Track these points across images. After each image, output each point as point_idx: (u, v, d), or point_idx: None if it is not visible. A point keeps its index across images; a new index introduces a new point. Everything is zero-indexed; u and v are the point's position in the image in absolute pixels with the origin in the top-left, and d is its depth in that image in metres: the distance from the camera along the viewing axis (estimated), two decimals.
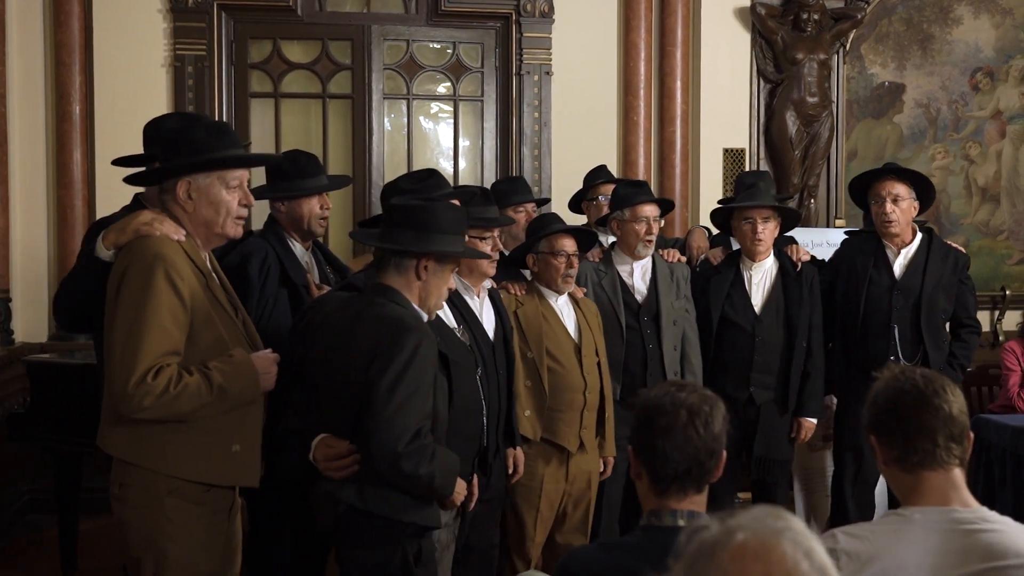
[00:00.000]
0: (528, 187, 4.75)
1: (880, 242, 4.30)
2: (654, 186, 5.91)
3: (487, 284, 3.53)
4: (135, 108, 5.46)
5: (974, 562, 1.82)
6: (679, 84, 6.05)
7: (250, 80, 5.91)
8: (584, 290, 3.99)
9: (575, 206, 4.90)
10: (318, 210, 3.49)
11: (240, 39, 5.87)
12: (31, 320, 5.61)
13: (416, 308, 2.74)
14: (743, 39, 6.13)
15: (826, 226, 6.14)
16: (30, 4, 5.56)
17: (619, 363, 3.98)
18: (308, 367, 2.83)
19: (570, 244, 3.74)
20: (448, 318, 3.20)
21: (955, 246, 4.43)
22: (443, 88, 6.17)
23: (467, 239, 3.25)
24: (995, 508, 1.93)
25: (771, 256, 4.24)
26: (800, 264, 4.23)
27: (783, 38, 6.03)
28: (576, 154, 5.85)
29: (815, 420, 4.23)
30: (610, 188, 4.47)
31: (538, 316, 3.72)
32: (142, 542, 2.55)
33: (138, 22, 5.65)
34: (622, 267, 4.14)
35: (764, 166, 6.08)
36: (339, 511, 2.65)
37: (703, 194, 6.08)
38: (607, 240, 4.32)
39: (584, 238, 3.89)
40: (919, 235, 4.31)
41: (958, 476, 1.93)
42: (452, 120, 6.16)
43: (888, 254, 4.29)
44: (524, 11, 5.94)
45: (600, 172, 4.87)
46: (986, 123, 6.50)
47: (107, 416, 2.60)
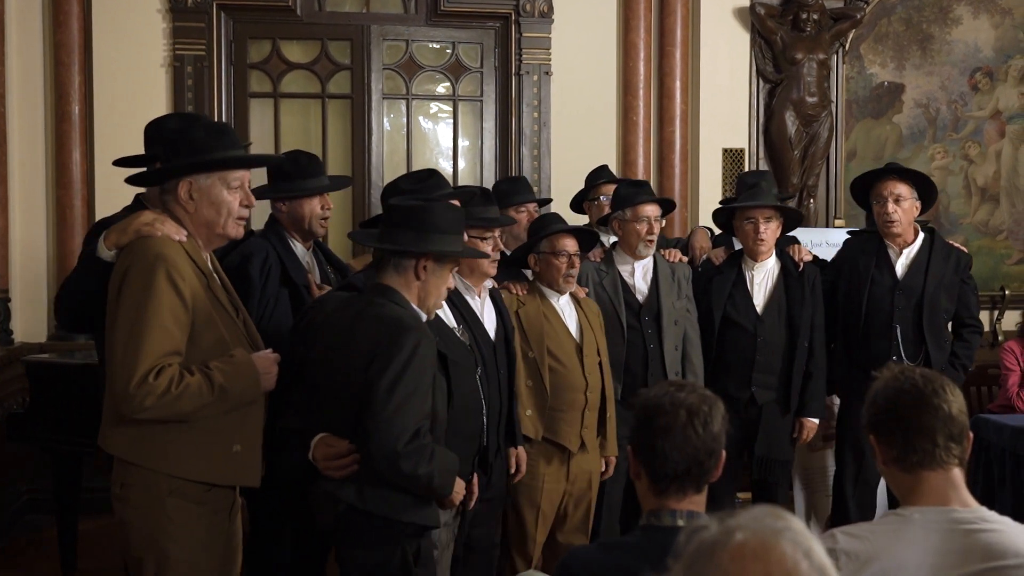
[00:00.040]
0: (530, 187, 4.75)
1: (882, 242, 4.30)
2: (653, 186, 5.89)
3: (488, 284, 3.54)
4: (134, 108, 5.47)
5: (974, 562, 1.82)
6: (678, 84, 6.05)
7: (249, 80, 5.91)
8: (586, 290, 3.99)
9: (577, 206, 4.89)
10: (319, 210, 3.49)
11: (239, 39, 5.87)
12: (30, 320, 5.62)
13: (415, 308, 2.74)
14: (742, 39, 6.13)
15: (825, 226, 6.14)
16: (29, 4, 5.56)
17: (620, 363, 3.98)
18: (308, 367, 2.83)
19: (571, 244, 3.75)
20: (448, 318, 3.21)
21: (957, 246, 4.43)
22: (442, 88, 6.17)
23: (468, 239, 3.26)
24: (994, 508, 1.94)
25: (773, 256, 4.24)
26: (802, 264, 4.23)
27: (782, 38, 6.03)
28: (575, 154, 5.85)
29: (817, 420, 4.23)
30: (612, 188, 4.46)
31: (539, 316, 3.72)
32: (143, 542, 2.56)
33: (137, 22, 5.65)
34: (623, 267, 4.14)
35: (763, 166, 6.07)
36: (338, 510, 2.65)
37: (702, 194, 6.08)
38: (608, 240, 4.32)
39: (585, 238, 3.90)
40: (921, 235, 4.31)
41: (957, 476, 1.93)
42: (451, 120, 6.16)
43: (890, 254, 4.29)
44: (523, 11, 5.94)
45: (602, 172, 4.86)
46: (985, 123, 6.50)
47: (108, 416, 2.60)
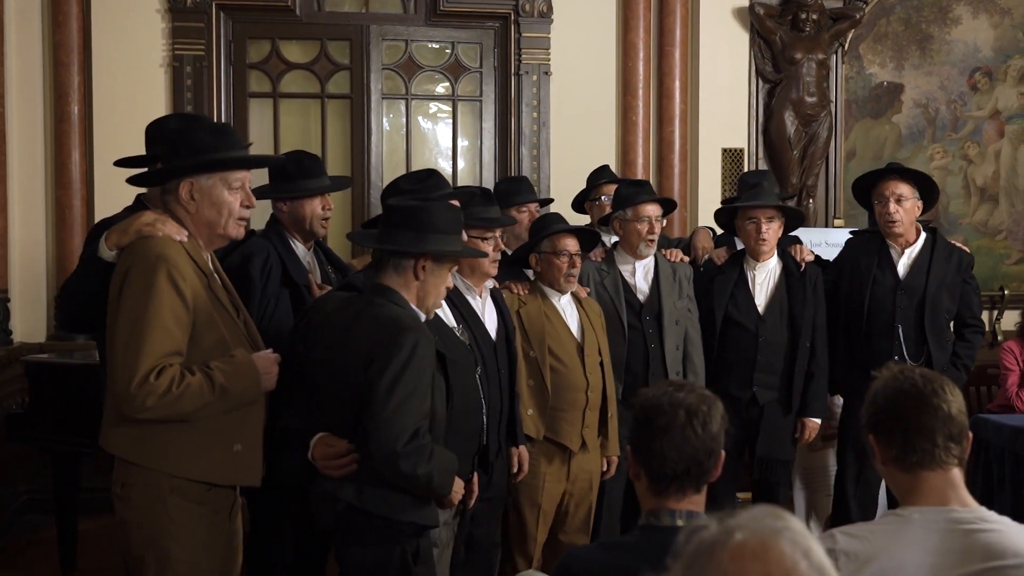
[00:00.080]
0: (531, 187, 4.74)
1: (884, 242, 4.30)
2: (653, 186, 5.85)
3: (489, 284, 3.54)
4: (134, 108, 5.47)
5: (973, 562, 1.82)
6: (678, 84, 6.05)
7: (249, 80, 5.91)
8: (587, 290, 3.99)
9: (578, 206, 4.89)
10: (320, 211, 3.49)
11: (239, 39, 5.87)
12: (30, 320, 5.62)
13: (414, 308, 2.75)
14: (742, 39, 6.13)
15: (825, 226, 6.14)
16: (29, 4, 5.56)
17: (621, 363, 3.99)
18: (308, 367, 2.84)
19: (572, 244, 3.75)
20: (447, 317, 3.21)
21: (959, 246, 4.42)
22: (442, 88, 6.17)
23: (469, 239, 3.27)
24: (994, 508, 1.93)
25: (775, 256, 4.23)
26: (804, 264, 4.22)
27: (781, 38, 6.03)
28: (575, 154, 5.85)
29: (819, 420, 4.23)
30: (613, 188, 4.46)
31: (541, 315, 3.72)
32: (144, 541, 2.56)
33: (137, 22, 5.65)
34: (624, 267, 4.14)
35: (763, 166, 6.07)
36: (338, 510, 2.66)
37: (702, 194, 6.08)
38: (610, 240, 4.32)
39: (586, 238, 3.90)
40: (923, 235, 4.31)
41: (957, 476, 1.93)
42: (451, 120, 6.16)
43: (892, 254, 4.29)
44: (523, 11, 5.94)
45: (603, 172, 4.86)
46: (984, 123, 6.50)
47: (109, 416, 2.60)
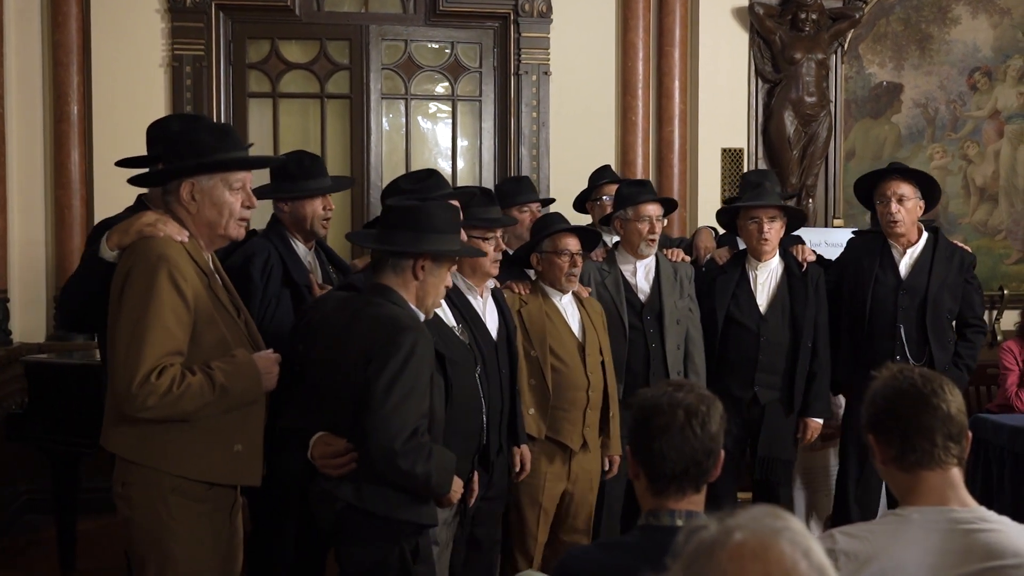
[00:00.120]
0: (533, 187, 4.74)
1: (886, 242, 4.29)
2: (653, 186, 5.90)
3: (490, 284, 3.54)
4: (133, 108, 5.48)
5: (973, 562, 1.82)
6: (677, 84, 6.05)
7: (248, 80, 5.91)
8: (589, 289, 3.99)
9: (580, 206, 4.89)
10: (321, 211, 3.50)
11: (238, 39, 5.87)
12: (29, 320, 5.61)
13: (413, 308, 2.75)
14: (741, 39, 6.13)
15: (824, 226, 6.14)
16: (28, 4, 5.56)
17: (622, 362, 3.99)
18: (308, 367, 2.84)
19: (573, 243, 3.75)
20: (447, 317, 3.21)
21: (961, 245, 4.41)
22: (441, 88, 6.17)
23: (470, 239, 3.27)
24: (993, 508, 1.93)
25: (777, 256, 4.23)
26: (806, 264, 4.22)
27: (781, 38, 6.03)
28: (574, 154, 5.85)
29: (821, 420, 4.23)
30: (614, 188, 4.46)
31: (542, 315, 3.72)
32: (146, 540, 2.57)
33: (136, 22, 5.65)
34: (625, 266, 4.14)
35: (762, 166, 6.07)
36: (337, 509, 2.66)
37: (701, 194, 6.08)
38: (611, 240, 4.32)
39: (588, 237, 3.90)
40: (925, 235, 4.31)
41: (956, 476, 1.93)
42: (450, 120, 6.16)
43: (894, 254, 4.29)
44: (522, 11, 5.94)
45: (604, 172, 4.86)
46: (984, 123, 6.51)
47: (110, 416, 2.61)
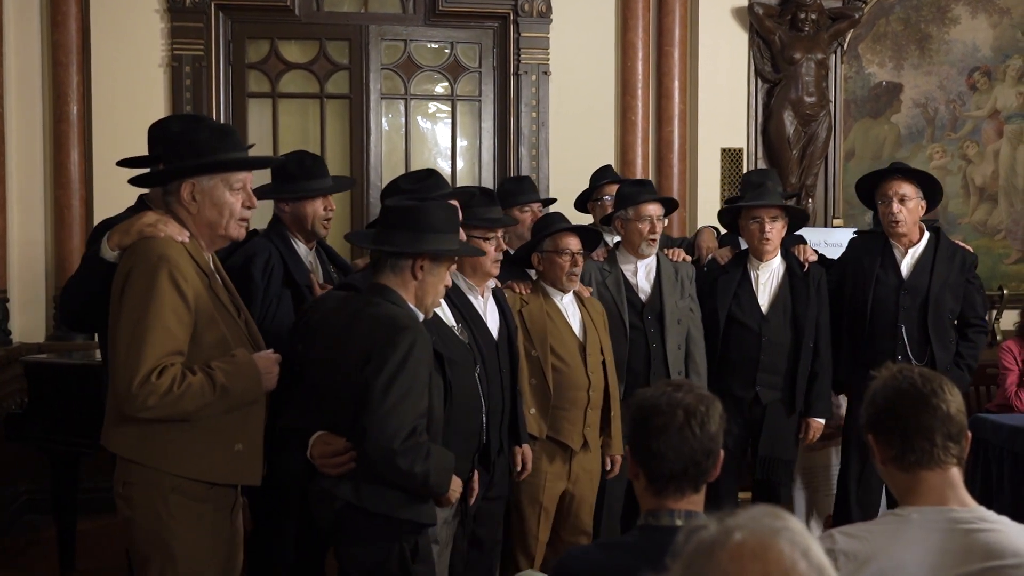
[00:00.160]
0: (534, 187, 4.73)
1: (887, 242, 4.30)
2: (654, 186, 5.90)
3: (491, 284, 3.54)
4: (133, 108, 5.48)
5: (972, 562, 1.82)
6: (677, 84, 6.05)
7: (248, 80, 5.91)
8: (590, 289, 3.99)
9: (581, 206, 4.89)
10: (322, 211, 3.50)
11: (238, 39, 5.87)
12: (29, 320, 5.61)
13: (412, 307, 2.75)
14: (741, 39, 6.13)
15: (824, 226, 6.14)
16: (28, 4, 5.55)
17: (623, 362, 3.99)
18: (308, 367, 2.84)
19: (574, 243, 3.75)
20: (447, 317, 3.21)
21: (963, 245, 4.41)
22: (441, 88, 6.17)
23: (471, 239, 3.27)
24: (992, 507, 1.93)
25: (778, 256, 4.23)
26: (807, 264, 4.22)
27: (781, 38, 6.03)
28: (574, 154, 5.85)
29: (823, 420, 4.23)
30: (615, 188, 4.45)
31: (543, 315, 3.72)
32: (147, 539, 2.57)
33: (135, 22, 5.65)
34: (626, 266, 4.14)
35: (762, 166, 6.07)
36: (336, 508, 2.66)
37: (701, 194, 6.08)
38: (612, 240, 4.32)
39: (589, 237, 3.90)
40: (927, 235, 4.31)
41: (956, 475, 1.93)
42: (450, 120, 6.16)
43: (895, 254, 4.29)
44: (522, 11, 5.94)
45: (606, 172, 4.86)
46: (983, 123, 6.51)
47: (111, 415, 2.61)
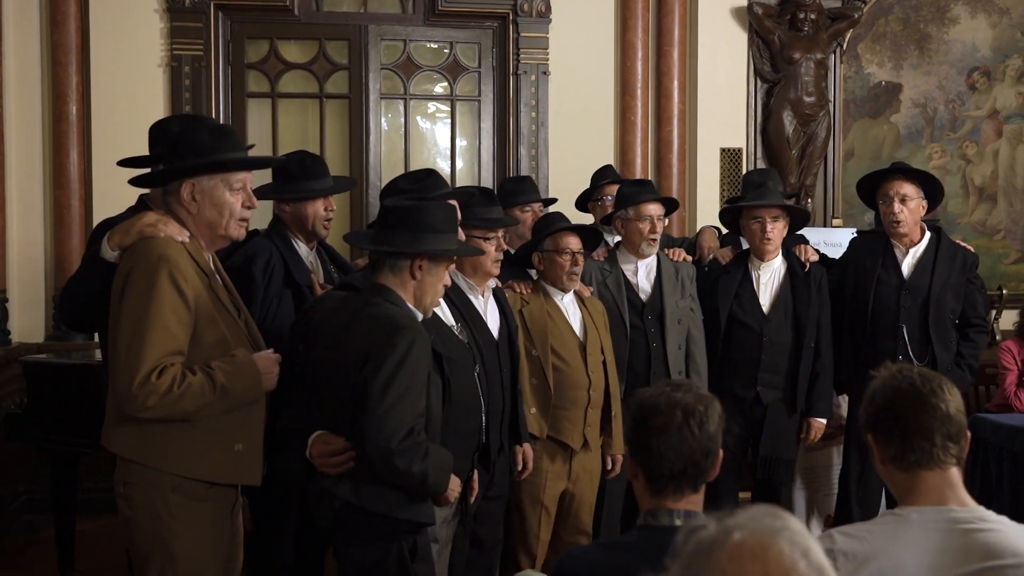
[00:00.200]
0: (535, 187, 4.73)
1: (888, 242, 4.30)
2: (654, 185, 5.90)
3: (492, 283, 3.54)
4: (132, 108, 5.47)
5: (972, 562, 1.82)
6: (676, 84, 6.05)
7: (247, 80, 5.91)
8: (591, 289, 3.99)
9: (581, 206, 4.89)
10: (322, 212, 3.50)
11: (237, 39, 5.87)
12: (28, 320, 5.61)
13: (411, 307, 2.75)
14: (740, 39, 6.13)
15: (823, 226, 6.14)
16: (27, 4, 5.55)
17: (623, 362, 3.99)
18: (308, 367, 2.84)
19: (575, 242, 3.75)
20: (446, 316, 3.21)
21: (964, 245, 4.41)
22: (440, 88, 6.17)
23: (471, 239, 3.27)
24: (992, 507, 1.93)
25: (779, 256, 4.22)
26: (808, 264, 4.22)
27: (780, 38, 6.03)
28: (573, 154, 5.85)
29: (824, 420, 4.23)
30: (616, 188, 4.45)
31: (543, 314, 3.72)
32: (148, 539, 2.57)
33: (135, 22, 5.65)
34: (627, 266, 4.14)
35: (761, 166, 6.07)
36: (335, 507, 2.66)
37: (700, 194, 6.08)
38: (613, 240, 4.32)
39: (589, 236, 3.90)
40: (928, 235, 4.31)
41: (955, 475, 1.93)
42: (449, 120, 6.16)
43: (896, 254, 4.29)
44: (521, 11, 5.94)
45: (606, 172, 4.86)
46: (983, 122, 6.51)
47: (111, 415, 2.61)
